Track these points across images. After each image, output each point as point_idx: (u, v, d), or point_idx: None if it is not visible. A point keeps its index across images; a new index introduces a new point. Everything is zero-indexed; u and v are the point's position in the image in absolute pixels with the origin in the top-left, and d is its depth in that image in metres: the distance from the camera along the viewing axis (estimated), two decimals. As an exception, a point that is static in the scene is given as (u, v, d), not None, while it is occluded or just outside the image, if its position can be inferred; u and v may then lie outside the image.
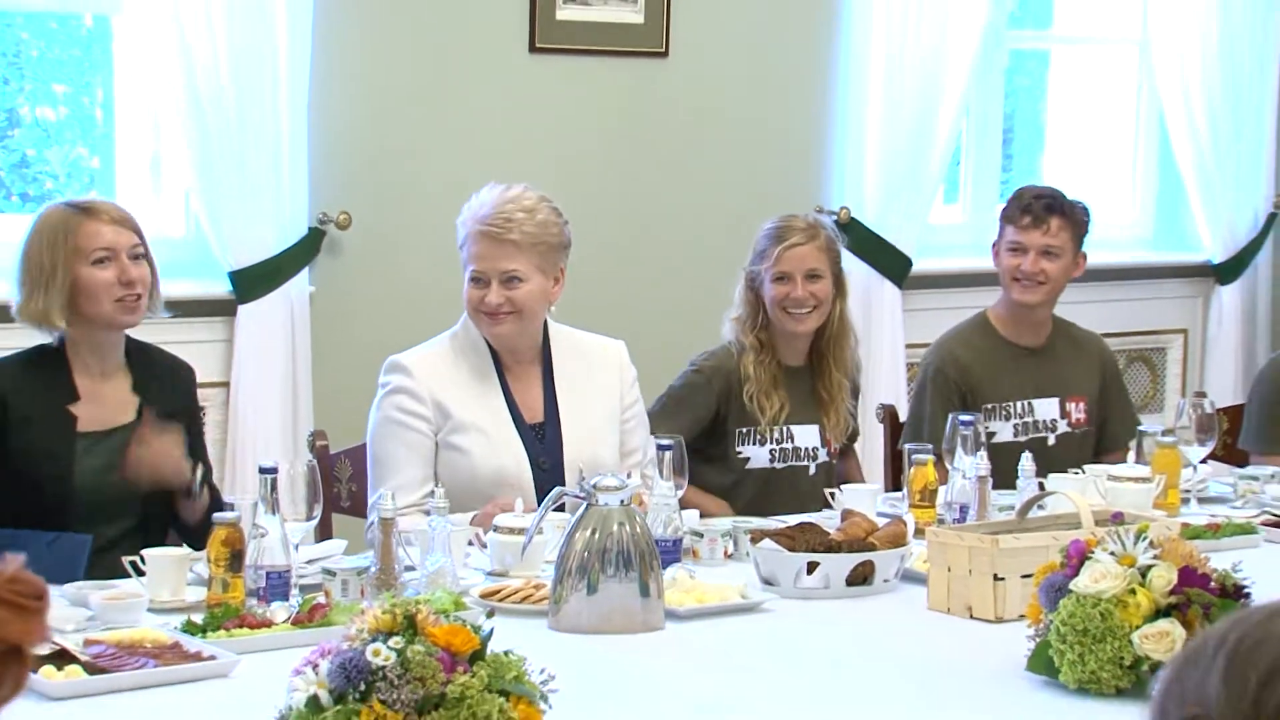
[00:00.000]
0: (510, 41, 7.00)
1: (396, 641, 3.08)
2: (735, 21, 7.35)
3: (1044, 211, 5.81)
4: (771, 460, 5.46)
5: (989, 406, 5.60)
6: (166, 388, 4.99)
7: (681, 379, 5.62)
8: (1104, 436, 5.89)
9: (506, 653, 3.18)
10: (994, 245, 5.98)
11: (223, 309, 6.43)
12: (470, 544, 4.51)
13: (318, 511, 4.34)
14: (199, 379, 5.32)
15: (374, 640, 3.10)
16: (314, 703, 3.07)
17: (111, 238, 4.75)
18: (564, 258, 5.08)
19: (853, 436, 5.69)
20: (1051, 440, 5.66)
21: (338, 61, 6.62)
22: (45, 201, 6.62)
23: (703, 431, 5.48)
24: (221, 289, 6.40)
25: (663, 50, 7.25)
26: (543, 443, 5.05)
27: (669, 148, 7.26)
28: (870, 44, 7.50)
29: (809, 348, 5.56)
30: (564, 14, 7.07)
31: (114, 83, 6.78)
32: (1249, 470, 5.43)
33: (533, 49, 7.04)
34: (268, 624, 3.88)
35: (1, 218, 6.57)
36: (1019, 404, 5.77)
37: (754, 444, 5.46)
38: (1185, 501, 5.00)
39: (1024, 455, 5.06)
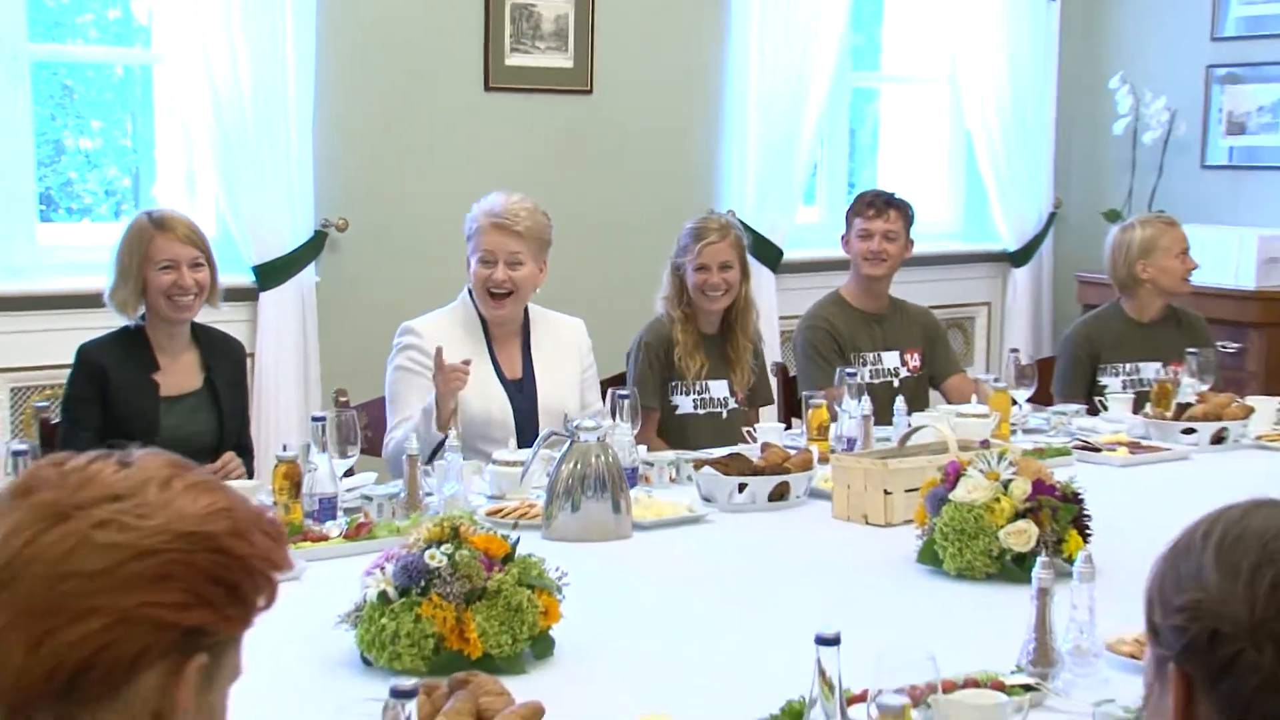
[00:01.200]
0: (469, 83, 6.91)
1: (446, 548, 3.11)
2: (644, 66, 7.28)
3: (884, 205, 5.86)
4: (695, 407, 5.43)
5: (851, 357, 5.62)
6: (225, 359, 4.96)
7: (639, 353, 5.56)
8: (934, 376, 5.95)
9: (529, 556, 3.24)
10: (843, 237, 5.99)
11: (247, 295, 6.32)
12: (475, 475, 4.45)
13: (354, 451, 4.30)
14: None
15: (428, 547, 3.12)
16: (383, 597, 3.10)
17: (176, 251, 4.68)
18: (547, 252, 5.06)
19: (765, 400, 5.69)
20: (896, 383, 5.66)
21: (335, 98, 6.53)
22: (85, 215, 6.81)
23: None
24: (246, 279, 6.29)
25: (588, 89, 7.17)
26: (521, 394, 5.04)
27: (596, 164, 7.16)
28: (749, 83, 7.45)
29: (721, 320, 5.54)
30: (511, 61, 6.96)
31: (154, 116, 6.62)
32: (1058, 408, 5.51)
33: (487, 88, 6.95)
34: (324, 538, 3.92)
35: (54, 227, 6.49)
36: (870, 355, 5.78)
37: (681, 394, 5.45)
38: (1014, 432, 5.05)
39: (897, 398, 5.14)
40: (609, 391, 4.88)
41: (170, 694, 1.61)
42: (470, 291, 5.05)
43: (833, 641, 2.44)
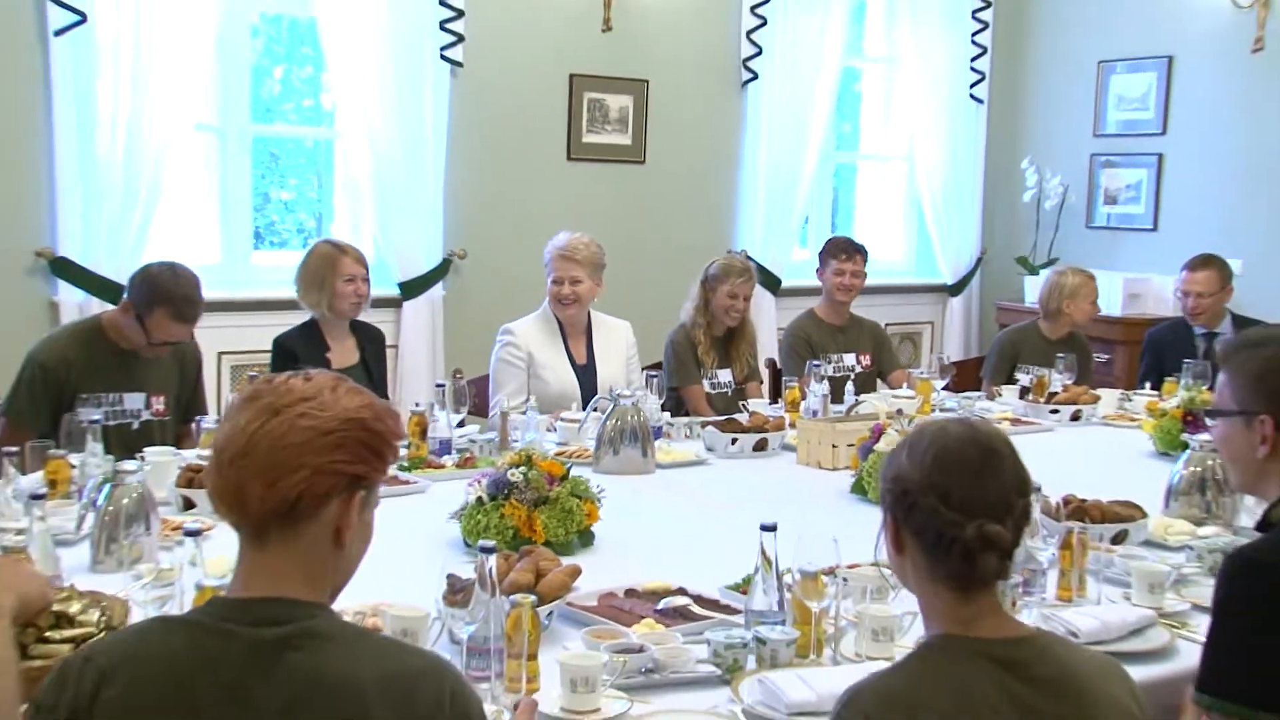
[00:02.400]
0: (556, 154, 6.95)
1: (522, 469, 3.25)
2: (683, 144, 7.28)
3: (854, 250, 5.79)
4: (710, 388, 5.39)
5: (820, 356, 5.53)
6: (372, 344, 5.01)
7: (673, 350, 5.48)
8: (881, 372, 5.88)
9: (579, 477, 3.40)
10: (819, 271, 5.88)
11: (394, 303, 6.41)
12: (548, 430, 4.50)
13: (464, 410, 4.42)
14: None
15: (510, 469, 3.26)
16: (479, 501, 3.24)
17: (355, 269, 4.77)
18: (601, 272, 5.07)
19: (751, 376, 5.61)
20: (853, 376, 5.53)
21: (460, 163, 6.55)
22: (283, 246, 6.81)
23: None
24: (394, 292, 6.41)
25: (642, 160, 7.20)
26: (585, 374, 5.07)
27: (645, 213, 7.20)
28: (759, 157, 7.48)
29: (726, 328, 5.50)
30: (587, 139, 7.02)
31: (333, 175, 6.72)
32: (966, 395, 5.42)
33: (569, 159, 6.99)
34: (441, 467, 4.02)
35: (263, 253, 6.56)
36: (835, 355, 5.67)
37: (706, 381, 5.43)
38: (933, 410, 4.98)
39: (847, 385, 5.18)
40: (645, 372, 4.98)
41: (345, 514, 1.82)
42: (547, 302, 5.09)
43: (771, 529, 2.62)
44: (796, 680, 2.37)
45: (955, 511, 1.94)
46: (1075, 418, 5.21)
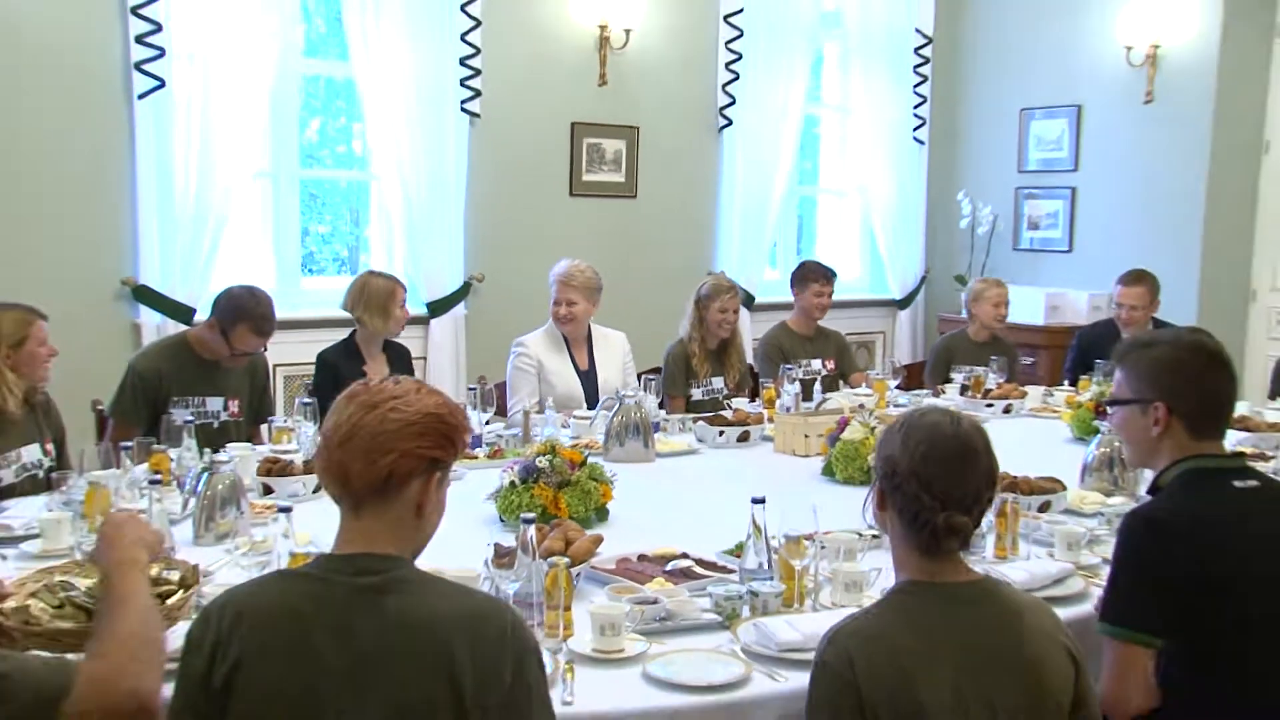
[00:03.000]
0: (560, 190, 6.92)
1: (548, 457, 3.31)
2: (669, 181, 7.24)
3: (831, 276, 5.85)
4: (703, 395, 5.32)
5: (792, 361, 5.43)
6: (400, 359, 4.98)
7: (670, 363, 5.42)
8: (843, 374, 5.81)
9: (594, 463, 3.43)
10: (795, 291, 5.87)
11: (423, 321, 6.37)
12: (562, 426, 4.48)
13: (491, 410, 4.35)
14: (413, 355, 5.32)
15: (538, 457, 3.32)
16: (513, 484, 3.29)
17: (398, 295, 4.78)
18: (598, 294, 5.07)
19: (743, 383, 5.52)
20: (819, 378, 5.48)
21: (478, 199, 6.53)
22: (321, 273, 6.69)
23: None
24: (422, 311, 6.34)
25: (634, 195, 7.17)
26: (588, 378, 5.06)
27: (637, 241, 7.15)
28: (735, 191, 7.43)
29: (719, 342, 5.45)
30: (586, 177, 6.98)
31: (368, 212, 6.68)
32: (915, 392, 5.43)
33: (571, 194, 6.95)
34: (475, 457, 4.02)
35: (311, 279, 6.52)
36: (804, 361, 5.63)
37: (695, 387, 5.36)
38: (888, 405, 4.98)
39: (815, 385, 5.21)
40: (641, 376, 4.97)
41: (425, 490, 1.95)
42: (551, 318, 5.09)
43: (760, 501, 2.71)
44: (784, 624, 2.45)
45: (933, 499, 2.04)
46: (1007, 410, 5.22)
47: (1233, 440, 4.40)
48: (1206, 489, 2.44)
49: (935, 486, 2.05)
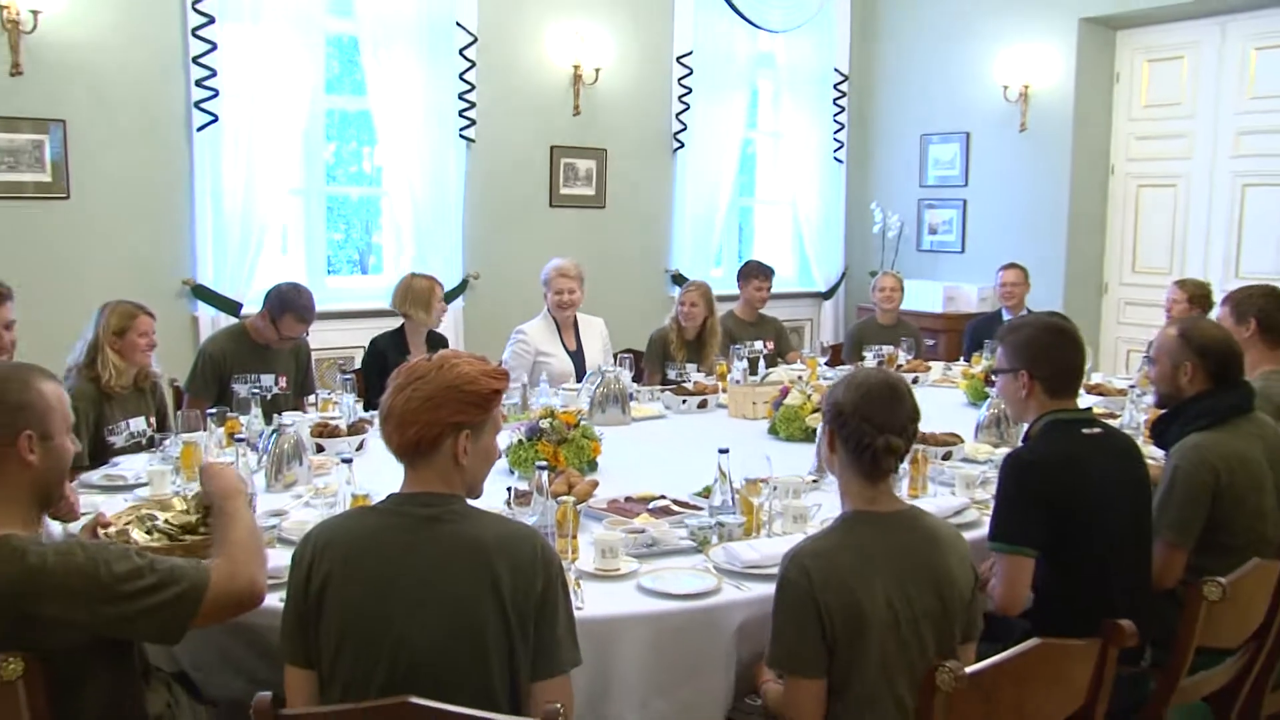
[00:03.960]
0: (541, 202, 6.85)
1: (549, 419, 3.36)
2: (632, 193, 7.17)
3: (769, 273, 5.87)
4: (677, 377, 4.98)
5: (739, 342, 5.26)
6: (437, 347, 4.57)
7: (650, 347, 5.41)
8: (780, 353, 5.73)
9: (586, 425, 3.47)
10: (740, 285, 5.88)
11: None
12: (554, 396, 4.38)
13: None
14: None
15: (539, 420, 3.37)
16: (520, 442, 3.34)
17: (437, 291, 4.78)
18: (583, 285, 5.06)
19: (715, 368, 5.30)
20: (762, 356, 5.18)
21: (475, 208, 6.48)
22: (337, 274, 6.59)
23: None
24: None
25: (603, 205, 7.11)
26: (576, 357, 5.08)
27: (607, 243, 7.06)
28: (686, 201, 7.37)
29: (695, 333, 5.41)
30: (563, 190, 6.91)
31: (380, 221, 6.66)
32: (840, 368, 5.36)
33: (550, 206, 6.88)
34: None
35: (332, 279, 6.38)
36: (748, 342, 5.29)
37: (669, 369, 5.17)
38: (819, 378, 4.70)
39: (760, 360, 5.08)
40: (617, 355, 5.02)
41: (455, 445, 2.00)
42: (548, 308, 5.07)
43: (725, 451, 2.81)
44: (747, 547, 2.57)
45: (873, 428, 2.13)
46: (915, 381, 5.22)
47: (1088, 403, 4.62)
48: (1062, 435, 2.60)
49: (875, 418, 2.14)
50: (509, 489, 2.83)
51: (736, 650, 2.36)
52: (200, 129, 5.59)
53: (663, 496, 3.02)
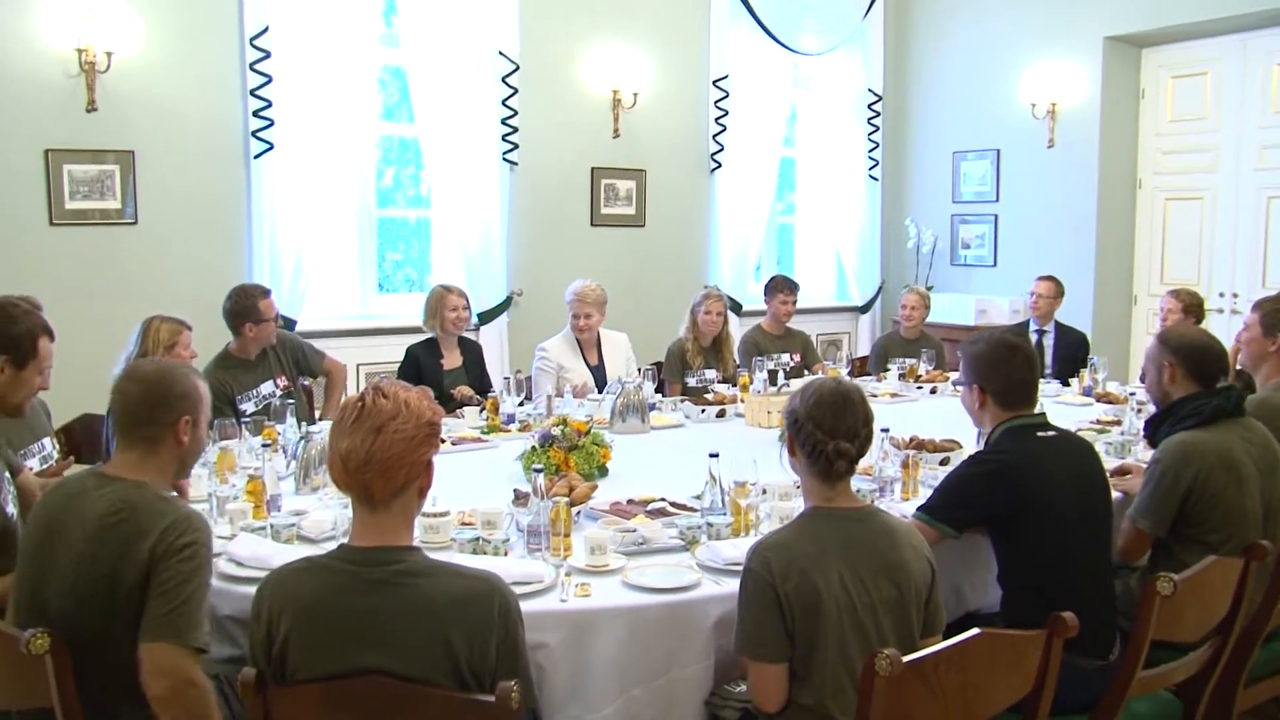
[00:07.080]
0: (584, 221, 6.91)
1: (560, 427, 3.41)
2: (672, 213, 7.20)
3: (794, 288, 5.83)
4: (696, 382, 5.24)
5: (765, 355, 5.36)
6: (470, 353, 5.02)
7: (669, 357, 5.41)
8: (806, 366, 5.71)
9: (596, 432, 3.50)
10: (767, 299, 5.84)
11: (473, 329, 6.30)
12: (578, 406, 4.49)
13: (523, 394, 4.41)
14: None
15: (553, 427, 3.43)
16: (534, 448, 3.39)
17: (456, 302, 4.84)
18: (605, 305, 5.08)
19: (734, 375, 5.26)
20: (786, 369, 5.36)
21: (518, 230, 6.54)
22: (393, 291, 6.60)
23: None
24: (475, 320, 6.27)
25: (643, 224, 7.13)
26: (598, 371, 5.10)
27: (645, 261, 7.11)
28: (724, 220, 7.33)
29: (711, 341, 5.46)
30: (604, 210, 6.95)
31: (430, 243, 6.64)
32: (863, 378, 5.50)
33: (592, 225, 6.94)
34: (509, 431, 4.11)
35: (383, 297, 6.47)
36: (774, 355, 5.54)
37: (689, 376, 5.32)
38: None
39: (779, 373, 5.09)
40: (641, 368, 5.00)
41: (426, 476, 1.93)
42: (569, 327, 5.14)
43: (715, 455, 2.85)
44: (729, 545, 2.63)
45: (824, 433, 2.20)
46: (933, 391, 5.30)
47: (1097, 411, 4.62)
48: (1016, 439, 2.69)
49: (825, 424, 2.21)
50: (515, 490, 2.94)
51: (716, 641, 2.40)
52: (257, 156, 5.72)
53: (662, 499, 3.07)
